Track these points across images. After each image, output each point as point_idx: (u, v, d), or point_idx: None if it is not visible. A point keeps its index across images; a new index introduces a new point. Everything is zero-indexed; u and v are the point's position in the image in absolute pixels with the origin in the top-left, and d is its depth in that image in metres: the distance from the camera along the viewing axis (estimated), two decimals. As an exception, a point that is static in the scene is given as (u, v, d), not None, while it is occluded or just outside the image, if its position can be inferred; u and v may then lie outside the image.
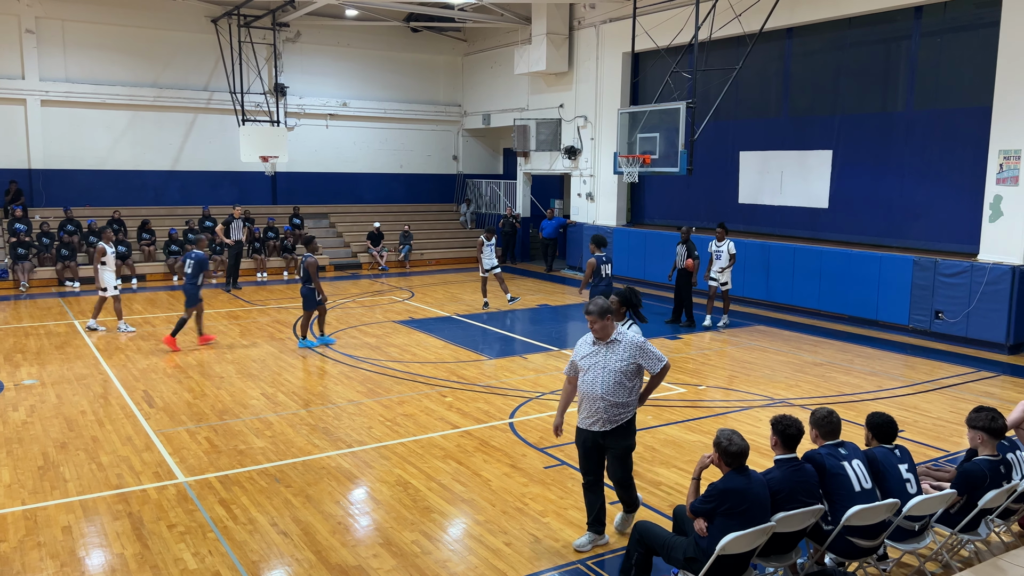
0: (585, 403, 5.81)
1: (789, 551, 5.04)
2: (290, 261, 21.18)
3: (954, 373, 11.50)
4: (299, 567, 5.71)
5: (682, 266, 14.50)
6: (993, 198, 13.08)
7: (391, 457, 7.90)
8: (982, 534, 5.55)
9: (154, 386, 10.34)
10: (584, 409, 5.83)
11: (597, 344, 5.79)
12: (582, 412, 5.86)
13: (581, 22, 21.10)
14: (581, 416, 5.88)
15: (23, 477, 7.29)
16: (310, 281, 12.27)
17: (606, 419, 5.74)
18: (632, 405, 5.82)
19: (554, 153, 22.48)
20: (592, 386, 5.73)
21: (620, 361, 5.70)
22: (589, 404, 5.77)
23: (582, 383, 5.81)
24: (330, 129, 24.75)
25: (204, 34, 22.09)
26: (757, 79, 17.30)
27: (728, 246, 14.30)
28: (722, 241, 14.35)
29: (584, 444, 5.92)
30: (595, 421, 5.77)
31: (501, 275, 16.53)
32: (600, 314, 5.69)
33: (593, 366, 5.76)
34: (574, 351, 5.96)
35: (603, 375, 5.70)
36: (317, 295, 12.30)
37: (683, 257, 14.47)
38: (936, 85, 14.37)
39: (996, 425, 5.50)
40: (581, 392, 5.82)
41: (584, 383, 5.79)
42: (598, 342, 5.79)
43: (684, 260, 14.46)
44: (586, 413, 5.81)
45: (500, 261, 17.84)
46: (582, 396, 5.82)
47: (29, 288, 18.09)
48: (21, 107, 20.35)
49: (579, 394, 5.87)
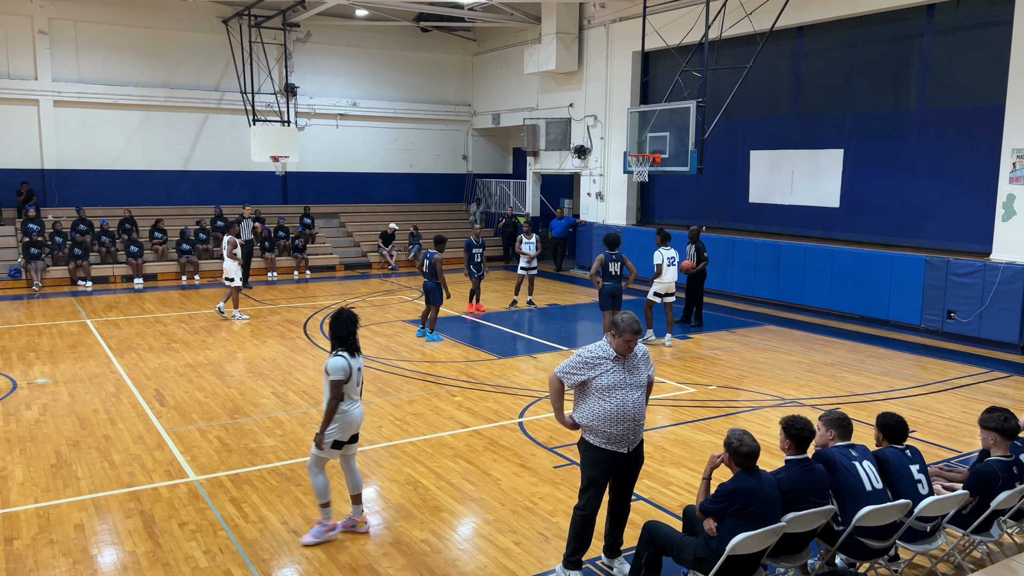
0: (615, 425, 5.23)
1: (800, 551, 5.02)
2: (300, 261, 21.25)
3: (966, 373, 11.42)
4: (309, 565, 5.72)
5: None
6: (1006, 197, 12.99)
7: (401, 456, 7.91)
8: (994, 535, 5.51)
9: (166, 385, 10.40)
10: (611, 431, 5.24)
11: (617, 360, 5.27)
12: (606, 434, 5.26)
13: (591, 21, 21.08)
14: (603, 439, 5.28)
15: (36, 475, 7.34)
16: (436, 277, 12.87)
17: (634, 439, 5.34)
18: None
19: (564, 152, 22.46)
20: (623, 408, 5.21)
21: (641, 376, 5.33)
22: (619, 426, 5.23)
23: (608, 404, 5.21)
24: (340, 129, 24.81)
25: (215, 35, 22.18)
26: (768, 78, 17.23)
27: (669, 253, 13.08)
28: None
29: (609, 470, 5.37)
30: (625, 443, 5.29)
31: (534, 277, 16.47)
32: (637, 332, 5.22)
33: (619, 385, 5.23)
34: (580, 365, 5.29)
35: (634, 395, 5.25)
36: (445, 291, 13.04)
37: (692, 257, 14.35)
38: (949, 83, 14.27)
39: (1009, 426, 5.46)
40: (607, 413, 5.22)
41: (612, 404, 5.21)
42: (619, 357, 5.27)
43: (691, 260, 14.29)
44: (616, 435, 5.25)
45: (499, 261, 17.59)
46: (608, 417, 5.22)
47: (42, 287, 18.21)
48: (34, 108, 20.49)
49: (601, 416, 5.24)
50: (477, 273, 15.49)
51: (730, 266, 17.19)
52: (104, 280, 19.31)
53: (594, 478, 5.37)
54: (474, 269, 15.45)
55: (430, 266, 12.99)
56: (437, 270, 12.92)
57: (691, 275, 14.43)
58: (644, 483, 7.25)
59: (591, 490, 5.39)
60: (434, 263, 12.94)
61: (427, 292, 13.12)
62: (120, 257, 19.81)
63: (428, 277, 13.06)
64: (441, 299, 13.07)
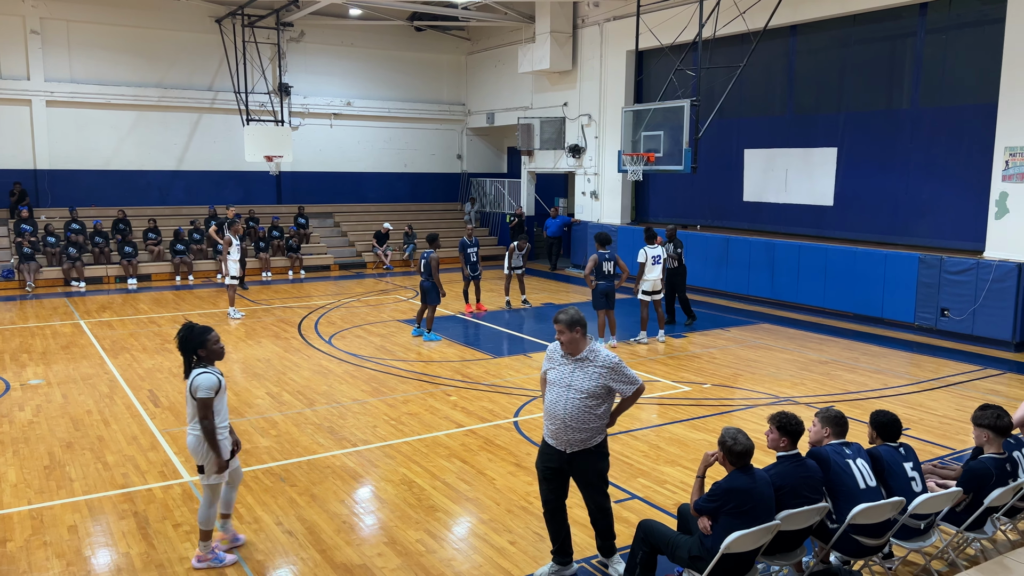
0: (548, 420, 5.24)
1: (794, 549, 5.03)
2: (294, 260, 21.21)
3: (960, 371, 11.46)
4: (304, 566, 5.71)
5: None
6: (999, 195, 13.04)
7: (396, 456, 7.91)
8: (988, 532, 5.53)
9: (160, 385, 10.37)
10: (547, 424, 5.28)
11: (566, 358, 5.23)
12: (545, 426, 5.30)
13: (585, 20, 21.09)
14: (545, 431, 5.30)
15: (29, 477, 7.31)
16: (432, 276, 12.89)
17: (567, 441, 5.19)
18: (600, 430, 5.23)
19: (558, 152, 22.47)
20: (555, 405, 5.17)
21: (588, 381, 5.11)
22: (551, 422, 5.22)
23: (546, 398, 5.23)
24: (334, 128, 24.77)
25: (208, 34, 22.12)
26: (761, 77, 17.26)
27: None
28: None
29: (546, 465, 5.32)
30: (559, 442, 5.22)
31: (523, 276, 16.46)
32: (569, 325, 5.12)
33: (558, 382, 5.19)
34: (545, 357, 5.37)
35: (567, 396, 5.12)
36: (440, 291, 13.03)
37: (672, 256, 13.99)
38: (941, 82, 14.31)
39: (1002, 423, 5.48)
40: (545, 406, 5.22)
41: (548, 399, 5.21)
42: (567, 356, 5.23)
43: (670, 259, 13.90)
44: (550, 430, 5.25)
45: None
46: (545, 410, 5.22)
47: (35, 288, 18.15)
48: (26, 108, 20.40)
49: (544, 407, 5.24)
50: (474, 273, 15.47)
51: (724, 265, 17.21)
52: (98, 281, 19.25)
53: (539, 469, 5.45)
54: (470, 269, 15.41)
55: (426, 265, 13.02)
56: (433, 269, 12.95)
57: (670, 273, 13.96)
58: (639, 481, 7.27)
59: (541, 483, 5.47)
60: (430, 262, 12.97)
61: (423, 291, 13.14)
62: (114, 258, 19.75)
63: (424, 276, 13.09)
64: (438, 298, 13.09)
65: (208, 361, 5.56)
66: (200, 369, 5.48)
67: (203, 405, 5.39)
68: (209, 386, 5.40)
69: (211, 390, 5.40)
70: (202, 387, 5.39)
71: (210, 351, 5.55)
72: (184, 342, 5.54)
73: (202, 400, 5.39)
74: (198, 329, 5.57)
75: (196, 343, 5.52)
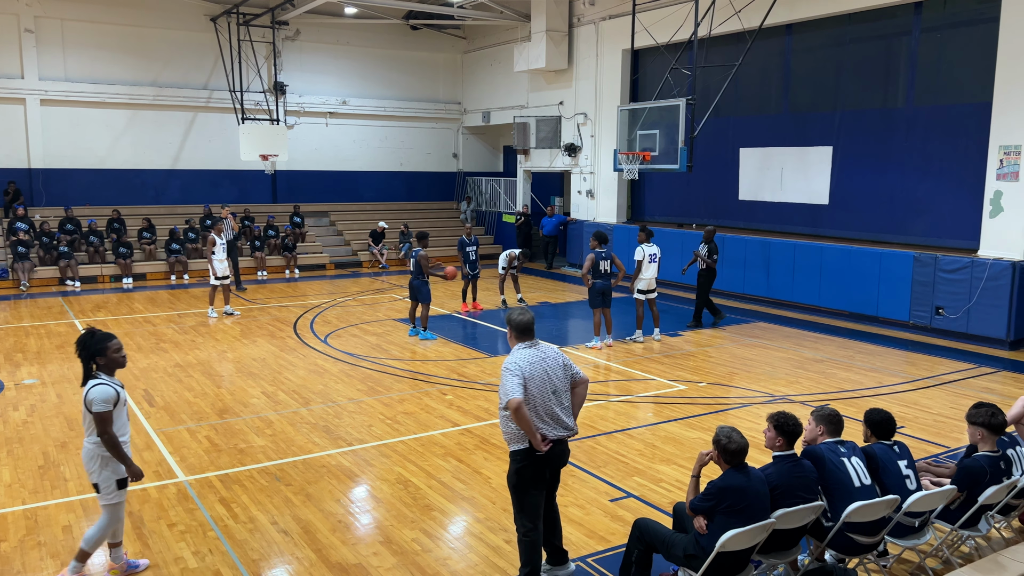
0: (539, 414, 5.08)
1: (790, 548, 5.04)
2: (290, 259, 21.18)
3: (954, 369, 11.49)
4: (299, 565, 5.71)
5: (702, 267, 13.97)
6: (993, 194, 13.07)
7: (391, 455, 7.90)
8: (982, 530, 5.55)
9: (155, 385, 10.35)
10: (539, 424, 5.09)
11: (532, 347, 5.21)
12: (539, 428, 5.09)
13: (581, 19, 21.08)
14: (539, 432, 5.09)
15: (23, 476, 7.29)
16: (422, 274, 12.87)
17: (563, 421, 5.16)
18: (510, 437, 5.20)
19: (554, 150, 22.47)
20: (543, 384, 5.09)
21: (556, 353, 5.24)
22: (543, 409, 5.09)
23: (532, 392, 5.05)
24: (330, 127, 24.73)
25: (203, 33, 22.07)
26: (757, 75, 17.27)
27: None
28: None
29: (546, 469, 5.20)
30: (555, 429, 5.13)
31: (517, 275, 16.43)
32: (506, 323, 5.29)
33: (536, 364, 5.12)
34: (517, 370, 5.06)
35: (551, 366, 5.14)
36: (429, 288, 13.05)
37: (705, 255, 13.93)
38: (936, 81, 14.34)
39: (996, 421, 5.50)
40: (532, 404, 5.05)
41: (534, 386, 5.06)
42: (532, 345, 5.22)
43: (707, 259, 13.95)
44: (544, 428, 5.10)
45: None
46: (534, 408, 5.05)
47: (29, 287, 18.10)
48: (20, 106, 20.34)
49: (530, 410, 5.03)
50: (473, 272, 15.46)
51: (720, 263, 17.14)
52: (92, 280, 19.21)
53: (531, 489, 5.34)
54: (469, 268, 15.41)
55: (415, 264, 13.02)
56: (423, 267, 12.94)
57: (701, 275, 14.11)
58: (635, 480, 7.27)
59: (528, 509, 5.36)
60: (419, 260, 12.96)
61: (412, 290, 13.11)
62: (108, 257, 19.70)
63: (414, 275, 13.07)
64: (429, 296, 13.07)
65: (108, 370, 5.21)
66: (96, 380, 5.13)
67: (100, 420, 5.03)
68: (105, 398, 5.04)
69: (107, 403, 5.04)
70: (97, 400, 5.03)
71: (110, 360, 5.21)
72: (83, 349, 5.19)
73: (98, 415, 5.03)
74: (99, 335, 5.22)
75: (94, 350, 5.16)
